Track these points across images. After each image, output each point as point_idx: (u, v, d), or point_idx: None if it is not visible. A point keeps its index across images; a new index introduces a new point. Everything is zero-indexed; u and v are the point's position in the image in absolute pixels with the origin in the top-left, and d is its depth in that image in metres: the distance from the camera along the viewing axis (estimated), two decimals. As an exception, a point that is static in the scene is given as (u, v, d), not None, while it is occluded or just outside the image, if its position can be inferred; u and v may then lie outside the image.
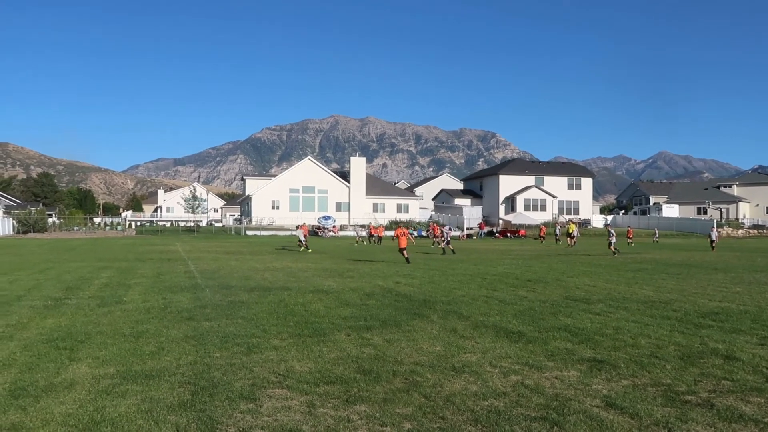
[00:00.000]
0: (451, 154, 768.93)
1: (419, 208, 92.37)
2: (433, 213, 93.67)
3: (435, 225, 66.37)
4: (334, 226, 73.23)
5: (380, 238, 52.15)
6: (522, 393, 6.28)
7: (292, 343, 8.67)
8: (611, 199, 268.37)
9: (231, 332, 9.37)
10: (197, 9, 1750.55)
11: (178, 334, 9.26)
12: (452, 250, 34.19)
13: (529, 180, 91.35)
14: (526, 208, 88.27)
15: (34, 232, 70.00)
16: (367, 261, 26.64)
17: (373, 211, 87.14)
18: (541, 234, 61.06)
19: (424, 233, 50.10)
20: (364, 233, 56.27)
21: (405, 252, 25.58)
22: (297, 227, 47.81)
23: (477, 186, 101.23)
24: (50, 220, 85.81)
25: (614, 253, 32.85)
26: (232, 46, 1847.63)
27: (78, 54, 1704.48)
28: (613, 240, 34.25)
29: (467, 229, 77.61)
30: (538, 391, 6.36)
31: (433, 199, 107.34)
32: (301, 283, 16.71)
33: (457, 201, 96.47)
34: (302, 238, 38.14)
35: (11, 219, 73.49)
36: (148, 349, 8.23)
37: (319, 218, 77.97)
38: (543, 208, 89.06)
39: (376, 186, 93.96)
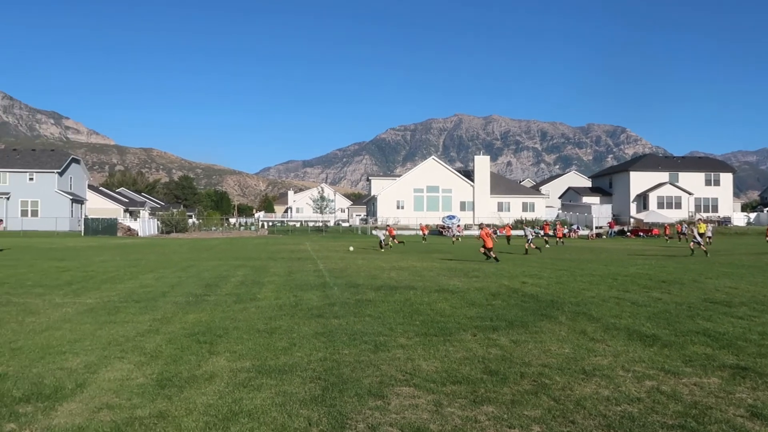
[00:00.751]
0: (578, 150, 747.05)
1: (545, 207, 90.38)
2: (560, 212, 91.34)
3: (559, 224, 64.48)
4: (458, 226, 73.02)
5: (509, 238, 51.18)
6: (658, 399, 6.02)
7: (419, 341, 8.73)
8: (755, 195, 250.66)
9: (359, 330, 9.57)
10: (324, 10, 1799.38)
11: (308, 330, 9.56)
12: (525, 250, 33.59)
13: (663, 176, 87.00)
14: (660, 206, 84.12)
15: (176, 232, 74.38)
16: (493, 262, 26.36)
17: (498, 210, 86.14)
18: (666, 232, 58.47)
19: (542, 233, 49.01)
20: (463, 233, 55.63)
21: (492, 252, 25.89)
22: (376, 228, 48.24)
23: (606, 183, 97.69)
24: (190, 220, 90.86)
25: (692, 252, 30.80)
26: (357, 48, 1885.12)
27: (215, 59, 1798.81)
28: (699, 239, 32.02)
29: (596, 228, 75.13)
30: (676, 397, 6.07)
31: (559, 198, 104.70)
32: (427, 282, 16.80)
33: (585, 199, 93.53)
34: (382, 238, 38.60)
35: (156, 220, 78.52)
36: (281, 344, 8.55)
37: (443, 218, 78.07)
38: (678, 205, 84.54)
39: (501, 184, 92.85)
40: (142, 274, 19.76)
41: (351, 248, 38.25)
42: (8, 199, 71.47)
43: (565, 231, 69.33)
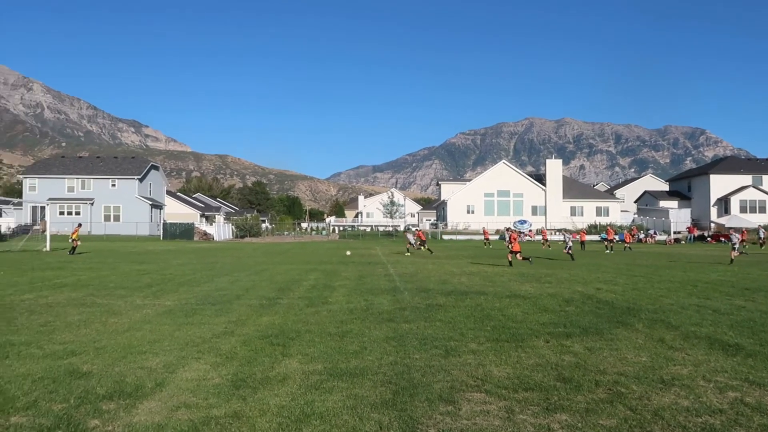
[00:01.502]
0: (654, 153, 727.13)
1: (620, 211, 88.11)
2: (636, 216, 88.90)
3: (634, 228, 62.85)
4: (530, 231, 72.01)
5: (583, 243, 50.02)
6: (741, 411, 5.77)
7: (490, 347, 8.65)
8: None
9: (429, 335, 9.55)
10: (391, 15, 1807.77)
11: (379, 334, 9.60)
12: (571, 256, 33.06)
13: (745, 179, 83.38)
14: (742, 210, 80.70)
15: (250, 236, 75.88)
16: (565, 267, 25.89)
17: (571, 215, 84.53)
18: (743, 238, 55.96)
19: (607, 237, 47.88)
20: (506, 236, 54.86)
21: (519, 255, 26.28)
22: (406, 230, 47.83)
23: (684, 187, 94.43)
24: (263, 225, 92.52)
25: (731, 261, 29.21)
26: (427, 54, 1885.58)
27: (288, 66, 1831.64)
28: (737, 246, 30.27)
29: (674, 233, 72.77)
30: (761, 410, 5.81)
31: (635, 202, 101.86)
32: (498, 288, 16.62)
33: (662, 203, 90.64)
34: (412, 241, 38.52)
35: (231, 224, 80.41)
36: (352, 348, 8.62)
37: (514, 222, 77.15)
38: (762, 209, 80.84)
39: (573, 188, 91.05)
40: (218, 277, 20.24)
41: (348, 252, 38.00)
42: (92, 204, 74.58)
43: (641, 236, 67.46)
